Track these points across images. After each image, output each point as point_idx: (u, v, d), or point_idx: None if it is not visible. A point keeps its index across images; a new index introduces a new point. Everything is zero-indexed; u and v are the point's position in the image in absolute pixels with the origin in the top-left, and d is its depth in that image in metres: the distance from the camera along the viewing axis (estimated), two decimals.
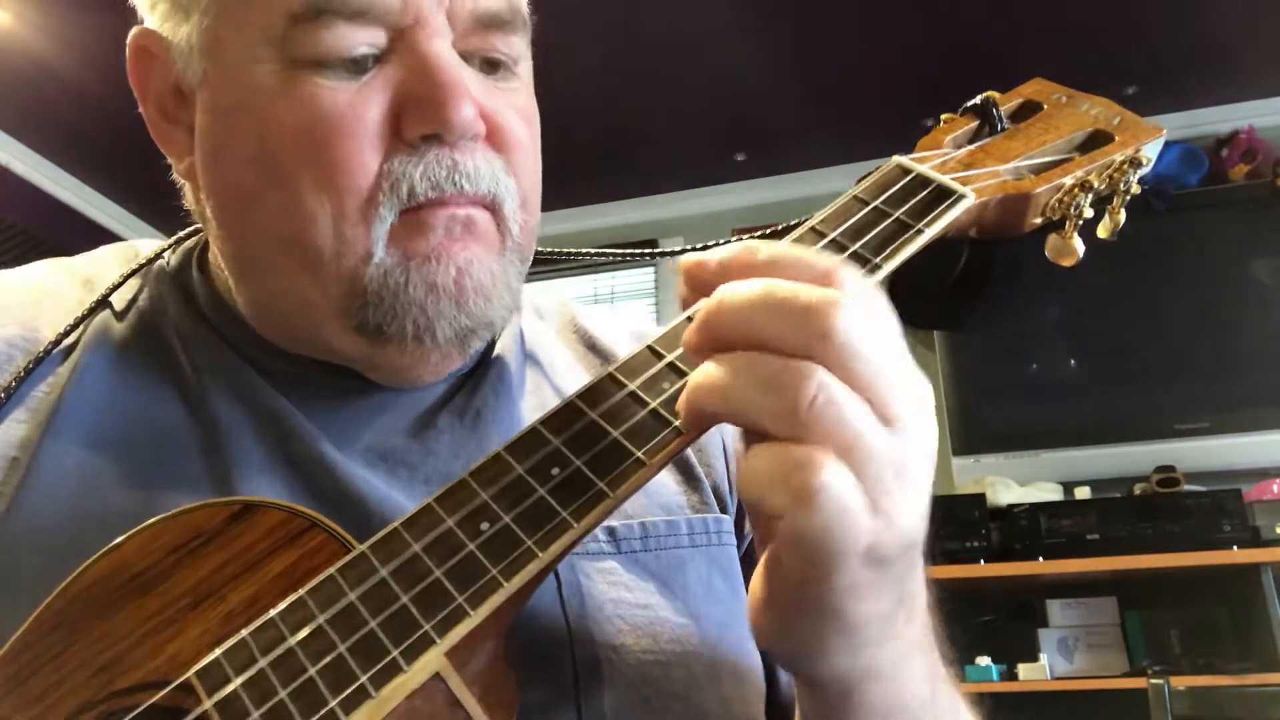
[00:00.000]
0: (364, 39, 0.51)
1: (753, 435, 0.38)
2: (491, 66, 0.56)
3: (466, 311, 0.53)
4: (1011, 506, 2.72)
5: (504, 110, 0.56)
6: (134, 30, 0.60)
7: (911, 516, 0.37)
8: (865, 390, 0.36)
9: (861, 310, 0.37)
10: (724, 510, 0.63)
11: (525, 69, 0.60)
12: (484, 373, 0.63)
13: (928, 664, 0.45)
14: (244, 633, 0.39)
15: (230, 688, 0.37)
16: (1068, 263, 0.57)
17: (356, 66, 0.52)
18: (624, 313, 0.76)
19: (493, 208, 0.55)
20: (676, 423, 0.41)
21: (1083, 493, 2.82)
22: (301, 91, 0.51)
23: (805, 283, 0.38)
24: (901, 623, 0.41)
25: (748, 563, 0.64)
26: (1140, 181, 0.58)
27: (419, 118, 0.51)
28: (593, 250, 0.73)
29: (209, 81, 0.55)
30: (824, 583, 0.36)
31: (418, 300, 0.52)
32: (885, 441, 0.36)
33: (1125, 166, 0.57)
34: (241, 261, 0.58)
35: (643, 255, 0.73)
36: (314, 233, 0.52)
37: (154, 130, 0.60)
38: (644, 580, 0.56)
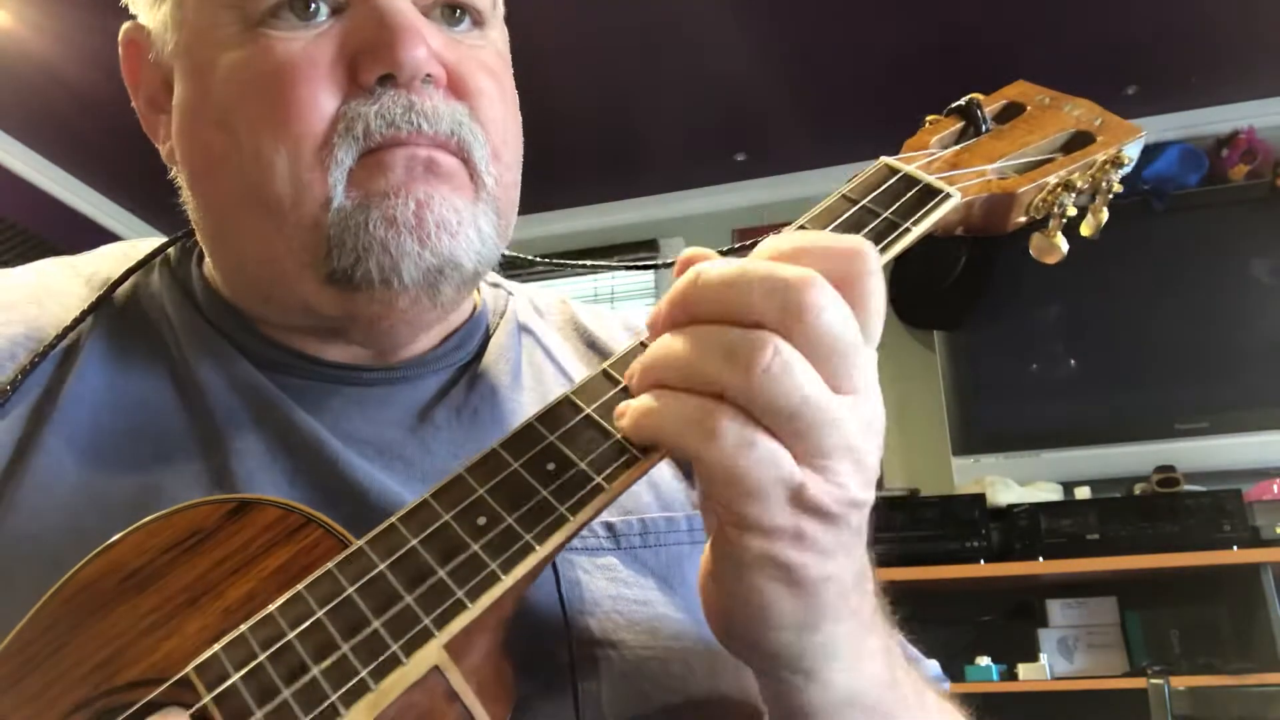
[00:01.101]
0: None
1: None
2: (453, 16, 0.57)
3: (430, 247, 0.52)
4: (1011, 506, 2.72)
5: (466, 61, 0.56)
6: (124, 26, 0.61)
7: (853, 479, 0.39)
8: (822, 362, 0.38)
9: (828, 289, 0.39)
10: None
11: (497, 37, 0.61)
12: (481, 368, 0.63)
13: (883, 645, 0.46)
14: (242, 628, 0.39)
15: (229, 682, 0.37)
16: (1051, 260, 0.58)
17: (311, 17, 0.53)
18: (622, 311, 0.76)
19: (461, 155, 0.55)
20: None
21: (1083, 493, 2.82)
22: (258, 45, 0.53)
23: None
24: (855, 600, 0.42)
25: None
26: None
27: (371, 59, 0.52)
28: (588, 263, 0.73)
29: (180, 54, 0.57)
30: (758, 524, 0.38)
31: (379, 238, 0.52)
32: (834, 412, 0.38)
33: (1107, 166, 0.58)
34: (213, 229, 0.58)
35: (638, 267, 0.73)
36: (273, 181, 0.52)
37: (144, 122, 0.62)
38: (643, 576, 0.56)
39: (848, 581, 0.41)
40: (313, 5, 0.53)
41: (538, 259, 0.73)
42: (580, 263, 0.74)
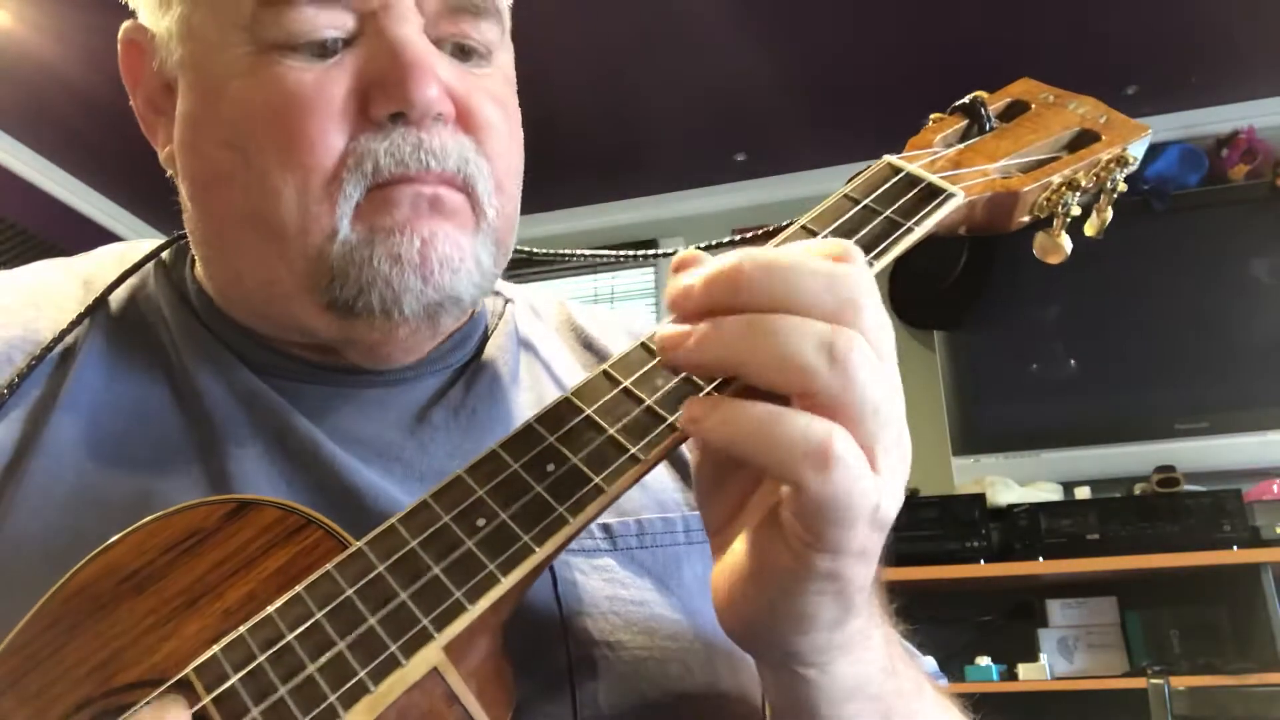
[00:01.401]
0: (331, 22, 0.52)
1: (753, 393, 0.38)
2: (463, 53, 0.57)
3: (433, 284, 0.53)
4: (1011, 506, 2.72)
5: (475, 93, 0.56)
6: (124, 25, 0.61)
7: (901, 482, 0.39)
8: (884, 358, 0.38)
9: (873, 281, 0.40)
10: None
11: (505, 60, 0.60)
12: (478, 369, 0.63)
13: (884, 634, 0.47)
14: (241, 629, 0.39)
15: (228, 684, 0.37)
16: (1054, 260, 0.58)
17: (324, 49, 0.53)
18: (620, 311, 0.76)
19: (465, 189, 0.55)
20: (671, 419, 0.41)
21: (1083, 493, 2.82)
22: (269, 73, 0.52)
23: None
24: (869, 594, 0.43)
25: None
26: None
27: (383, 97, 0.52)
28: (588, 251, 0.73)
29: (186, 67, 0.57)
30: (838, 548, 0.38)
31: (382, 273, 0.52)
32: (897, 410, 0.39)
33: (1112, 165, 0.57)
34: (211, 242, 0.58)
35: (637, 257, 0.73)
36: (279, 209, 0.52)
37: (142, 122, 0.61)
38: (640, 577, 0.56)
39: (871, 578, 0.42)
40: (329, 43, 0.53)
41: (536, 251, 0.73)
42: (577, 251, 0.74)
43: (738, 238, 0.65)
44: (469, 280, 0.54)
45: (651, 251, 0.72)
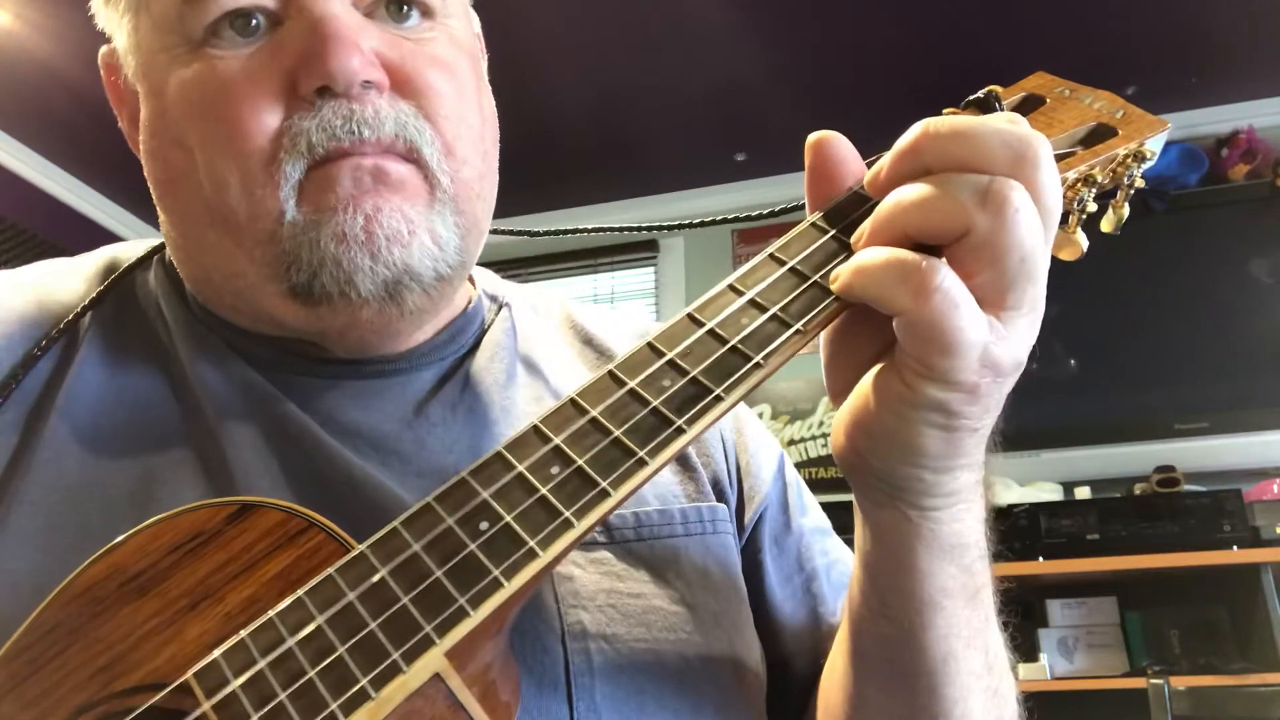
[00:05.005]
0: (252, 4, 0.53)
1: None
2: (400, 11, 0.56)
3: (383, 261, 0.52)
4: (1011, 506, 2.72)
5: (412, 58, 0.55)
6: (101, 50, 0.63)
7: (1028, 338, 0.43)
8: (1046, 218, 0.42)
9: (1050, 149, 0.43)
10: (721, 500, 0.63)
11: (454, 23, 0.59)
12: (475, 365, 0.63)
13: (982, 513, 0.51)
14: (243, 634, 0.39)
15: (229, 689, 0.37)
16: (1070, 257, 0.56)
17: (249, 34, 0.53)
18: (621, 312, 0.76)
19: (411, 157, 0.54)
20: (679, 421, 0.41)
21: (1083, 493, 2.82)
22: (202, 65, 0.53)
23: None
24: (980, 456, 0.46)
25: (748, 556, 0.64)
26: (1141, 179, 0.57)
27: (306, 73, 0.52)
28: (590, 227, 0.73)
29: (139, 77, 0.58)
30: (944, 376, 0.41)
31: (330, 253, 0.52)
32: (1043, 267, 0.42)
33: (1129, 160, 0.56)
34: (179, 243, 0.59)
35: (638, 229, 0.72)
36: (228, 198, 0.53)
37: (129, 140, 0.62)
38: (637, 569, 0.56)
39: (984, 438, 0.45)
40: (253, 21, 0.53)
41: (533, 230, 0.72)
42: (578, 227, 0.73)
43: (740, 227, 0.64)
44: (423, 254, 0.54)
45: (651, 224, 0.71)
